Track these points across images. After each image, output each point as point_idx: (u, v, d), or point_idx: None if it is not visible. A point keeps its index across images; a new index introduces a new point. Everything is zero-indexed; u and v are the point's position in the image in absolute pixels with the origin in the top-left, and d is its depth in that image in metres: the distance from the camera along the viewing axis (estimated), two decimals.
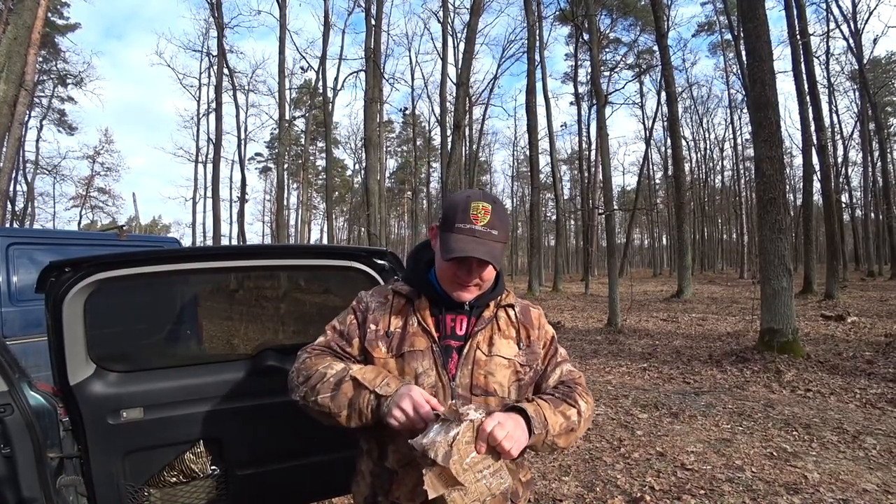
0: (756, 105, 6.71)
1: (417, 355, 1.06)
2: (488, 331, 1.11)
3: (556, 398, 1.08)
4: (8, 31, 7.13)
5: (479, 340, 1.09)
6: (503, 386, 1.08)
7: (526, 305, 1.22)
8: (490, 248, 1.01)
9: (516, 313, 1.17)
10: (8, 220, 21.42)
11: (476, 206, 1.02)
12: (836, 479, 2.97)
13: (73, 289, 1.40)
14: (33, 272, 4.04)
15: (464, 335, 1.10)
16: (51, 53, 26.51)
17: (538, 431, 0.98)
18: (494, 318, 1.13)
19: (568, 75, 32.51)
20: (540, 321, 1.20)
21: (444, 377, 1.05)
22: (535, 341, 1.16)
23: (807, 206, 16.00)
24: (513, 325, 1.15)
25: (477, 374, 1.07)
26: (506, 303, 1.17)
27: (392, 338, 1.09)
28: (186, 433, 1.64)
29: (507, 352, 1.11)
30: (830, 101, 26.75)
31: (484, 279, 1.07)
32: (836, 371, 5.67)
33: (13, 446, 1.58)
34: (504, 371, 1.09)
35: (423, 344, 1.07)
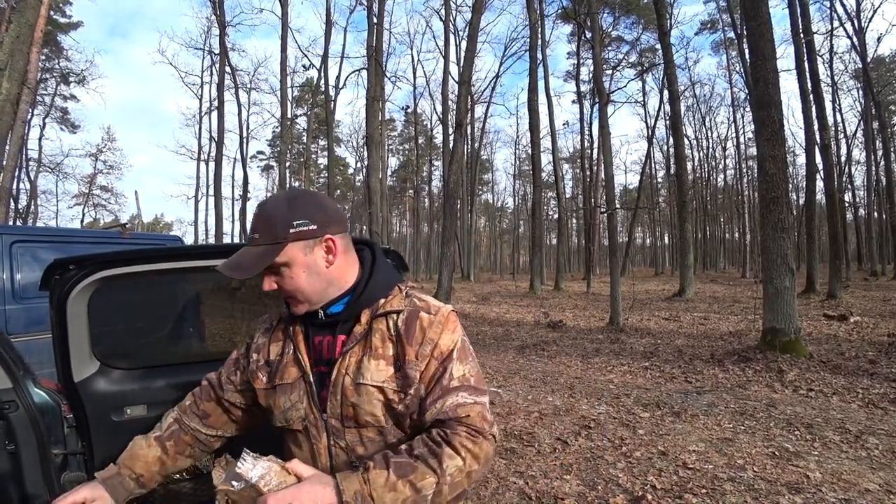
0: (759, 104, 6.69)
1: (286, 388, 0.98)
2: (359, 350, 0.94)
3: (410, 460, 0.85)
4: (11, 30, 7.16)
5: (348, 364, 0.93)
6: (377, 417, 0.92)
7: (416, 310, 0.96)
8: (240, 256, 0.92)
9: (396, 323, 0.95)
10: (11, 218, 21.48)
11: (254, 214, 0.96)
12: (838, 479, 2.96)
13: (78, 286, 1.40)
14: (37, 270, 4.06)
15: (330, 358, 0.96)
16: (53, 52, 26.55)
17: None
18: (369, 333, 0.95)
19: (570, 73, 32.51)
20: (427, 333, 0.93)
21: (315, 409, 0.95)
22: (412, 361, 0.92)
23: (810, 205, 15.96)
24: (390, 339, 0.94)
25: (345, 404, 0.93)
26: (386, 310, 0.96)
27: (272, 366, 1.03)
28: None
29: (377, 377, 0.92)
30: (834, 99, 26.72)
31: (285, 289, 0.94)
32: (838, 371, 5.66)
33: (18, 443, 1.59)
34: (374, 400, 0.92)
35: (293, 375, 0.98)
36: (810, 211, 15.86)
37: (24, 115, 11.98)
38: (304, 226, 0.92)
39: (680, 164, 16.85)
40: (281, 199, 0.95)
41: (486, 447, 0.90)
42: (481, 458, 0.89)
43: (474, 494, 2.93)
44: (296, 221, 0.91)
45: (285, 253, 0.91)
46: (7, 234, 4.15)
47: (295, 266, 0.92)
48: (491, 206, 53.41)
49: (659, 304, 14.40)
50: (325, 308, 0.97)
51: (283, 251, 0.90)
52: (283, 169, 23.30)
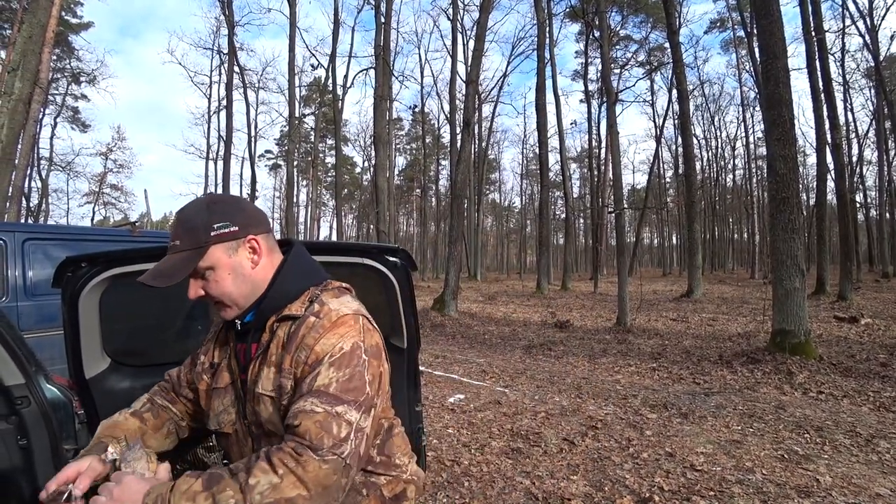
0: (769, 103, 6.63)
1: (220, 392, 1.00)
2: (261, 360, 0.93)
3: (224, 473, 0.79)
4: (23, 30, 7.25)
5: (253, 373, 0.94)
6: (276, 425, 0.90)
7: (307, 316, 0.91)
8: (161, 264, 0.90)
9: (290, 329, 0.92)
10: (23, 216, 21.76)
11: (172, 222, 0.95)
12: (848, 483, 2.93)
13: (90, 284, 1.42)
14: (48, 267, 4.11)
15: (245, 365, 0.97)
16: (64, 52, 26.85)
17: None
18: (271, 341, 0.93)
19: (578, 73, 32.36)
20: (305, 339, 0.88)
21: (241, 416, 0.96)
22: (286, 370, 0.89)
23: (820, 205, 15.79)
24: (282, 346, 0.92)
25: (256, 411, 0.92)
26: (285, 314, 0.93)
27: (215, 369, 1.04)
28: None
29: (267, 385, 0.91)
30: (845, 98, 26.40)
31: (211, 294, 0.92)
32: (849, 373, 5.60)
33: (30, 438, 1.61)
34: (270, 408, 0.90)
35: (225, 380, 1.00)
36: (821, 211, 15.69)
37: (35, 115, 12.14)
38: (225, 227, 0.90)
39: (689, 164, 16.73)
40: (199, 204, 0.94)
41: (313, 468, 0.76)
42: (308, 483, 0.76)
43: (480, 494, 2.93)
44: (216, 224, 0.90)
45: (209, 256, 0.89)
46: (19, 231, 4.19)
47: (220, 269, 0.91)
48: (498, 205, 53.33)
49: (667, 304, 14.32)
50: (241, 317, 0.96)
51: (206, 255, 0.89)
52: (291, 168, 23.40)
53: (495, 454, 3.53)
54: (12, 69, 6.99)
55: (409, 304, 1.67)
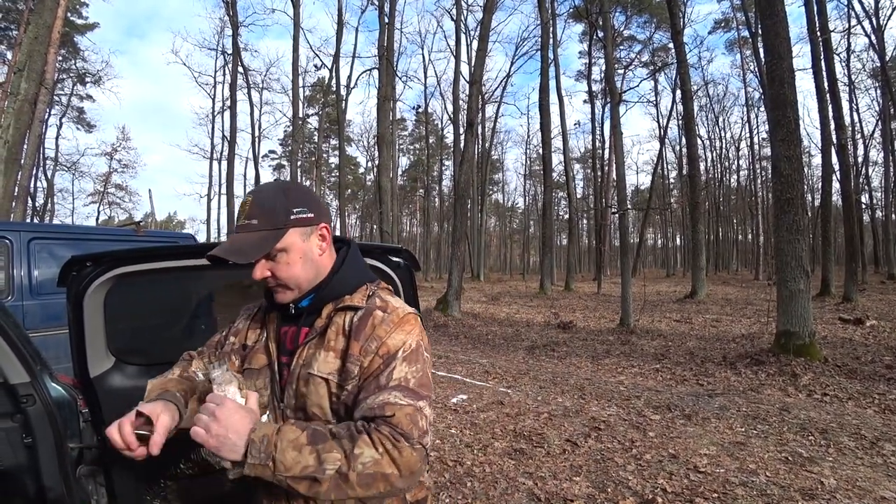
0: (774, 103, 6.60)
1: (253, 373, 1.01)
2: (316, 343, 0.96)
3: (329, 434, 0.84)
4: (29, 31, 7.29)
5: (305, 355, 0.96)
6: (323, 409, 0.93)
7: (371, 309, 0.96)
8: (236, 243, 0.91)
9: (352, 319, 0.96)
10: (29, 215, 21.89)
11: (241, 202, 0.95)
12: (853, 486, 2.92)
13: (94, 283, 1.43)
14: (53, 266, 4.13)
15: (292, 349, 0.99)
16: (70, 52, 27.00)
17: (253, 460, 0.80)
18: (328, 327, 0.96)
19: (582, 73, 32.33)
20: (378, 329, 0.92)
21: (276, 397, 0.98)
22: (354, 355, 0.92)
23: (825, 206, 15.70)
24: (343, 334, 0.95)
25: (300, 393, 0.94)
26: (347, 304, 0.97)
27: (247, 351, 1.05)
28: None
29: (324, 368, 0.93)
30: (851, 99, 26.24)
31: (278, 277, 0.94)
32: (854, 375, 5.57)
33: (35, 436, 1.62)
34: (321, 391, 0.93)
35: (261, 361, 1.01)
36: (826, 212, 15.60)
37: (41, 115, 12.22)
38: (303, 213, 0.94)
39: (693, 165, 16.67)
40: (276, 187, 0.96)
41: (407, 454, 0.83)
42: (401, 466, 0.83)
43: (483, 494, 2.93)
44: (295, 209, 0.93)
45: (285, 239, 0.92)
46: (25, 230, 4.22)
47: (293, 252, 0.93)
48: (501, 205, 53.31)
49: (670, 305, 14.28)
50: (296, 301, 0.99)
51: (284, 237, 0.92)
52: (295, 168, 23.45)
53: (498, 455, 3.53)
54: (18, 70, 7.03)
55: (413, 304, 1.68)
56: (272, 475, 0.81)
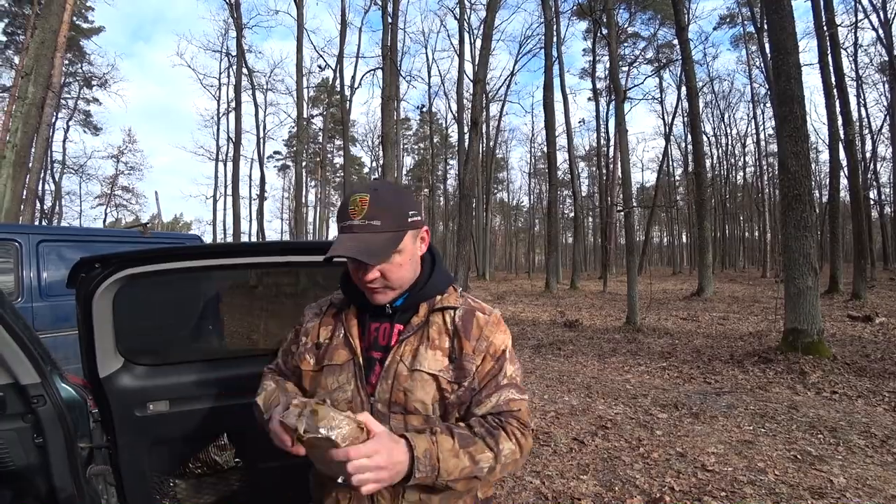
0: (781, 99, 6.55)
1: (335, 369, 1.01)
2: (415, 340, 0.99)
3: (474, 435, 0.92)
4: (35, 36, 7.36)
5: (403, 351, 0.98)
6: (426, 404, 0.96)
7: (472, 309, 1.02)
8: (365, 242, 0.91)
9: (454, 319, 1.00)
10: (37, 218, 22.10)
11: (353, 199, 0.93)
12: (863, 485, 2.89)
13: (103, 284, 1.44)
14: (62, 268, 4.17)
15: (386, 345, 1.00)
16: (76, 56, 27.23)
17: (420, 475, 0.84)
18: (426, 325, 1.00)
19: (586, 71, 32.25)
20: (484, 330, 0.99)
21: (362, 392, 0.97)
22: (469, 355, 0.97)
23: (833, 202, 15.56)
24: (447, 332, 0.99)
25: (396, 389, 0.96)
26: (443, 305, 1.02)
27: (321, 349, 1.05)
28: (211, 426, 1.68)
29: (433, 365, 0.96)
30: (859, 94, 25.98)
31: (389, 277, 0.95)
32: (863, 373, 5.52)
33: (45, 436, 1.63)
34: (427, 387, 0.95)
35: (343, 357, 1.01)
36: (834, 209, 15.46)
37: (48, 119, 12.32)
38: (415, 216, 0.98)
39: (698, 162, 16.57)
40: (391, 189, 0.98)
41: (529, 440, 0.98)
42: (525, 450, 0.96)
43: None
44: (410, 211, 0.96)
45: (403, 241, 0.95)
46: (34, 233, 4.27)
47: (405, 253, 0.96)
48: (506, 204, 53.25)
49: (677, 303, 14.21)
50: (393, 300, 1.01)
51: (403, 239, 0.94)
52: (300, 168, 23.57)
53: None
54: (26, 74, 7.10)
55: None
56: (434, 482, 0.86)
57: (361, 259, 0.89)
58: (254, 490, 1.77)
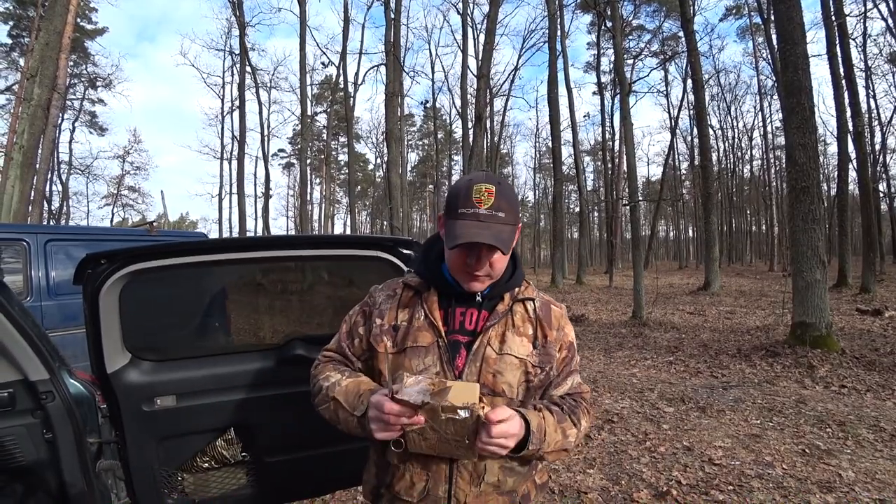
0: (788, 91, 6.48)
1: (420, 351, 1.02)
2: (501, 326, 1.04)
3: (563, 412, 1.02)
4: (40, 38, 7.40)
5: (491, 336, 1.03)
6: (512, 386, 1.02)
7: (547, 302, 1.12)
8: (496, 231, 0.94)
9: (535, 309, 1.09)
10: (45, 219, 22.28)
11: (479, 188, 0.95)
12: (872, 479, 2.87)
13: (109, 280, 1.45)
14: (70, 267, 4.20)
15: (473, 330, 1.04)
16: (81, 57, 27.32)
17: (534, 447, 0.93)
18: (509, 313, 1.06)
19: (590, 64, 31.99)
20: (560, 322, 1.10)
21: (449, 373, 1.00)
22: (551, 342, 1.07)
23: (842, 195, 15.40)
24: (529, 321, 1.07)
25: (485, 372, 1.00)
26: (524, 296, 1.09)
27: (398, 332, 1.05)
28: (217, 420, 1.69)
29: (520, 350, 1.03)
30: (867, 85, 25.53)
31: (494, 267, 1.00)
32: (872, 367, 5.47)
33: (55, 432, 1.65)
34: (514, 371, 1.02)
35: (427, 339, 1.02)
36: (842, 202, 15.30)
37: (54, 120, 12.39)
38: (520, 213, 1.07)
39: (704, 155, 16.44)
40: (508, 184, 1.02)
41: (592, 418, 1.12)
42: (589, 426, 1.10)
43: None
44: (518, 208, 1.02)
45: (517, 235, 1.01)
46: (41, 233, 4.30)
47: (511, 247, 1.01)
48: None
49: (683, 297, 14.14)
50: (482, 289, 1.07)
51: (517, 234, 1.01)
52: (304, 166, 23.59)
53: None
54: (31, 76, 7.15)
55: None
56: (536, 453, 0.96)
57: (499, 247, 0.94)
58: (261, 484, 1.78)
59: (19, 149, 7.02)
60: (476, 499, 1.01)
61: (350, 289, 2.08)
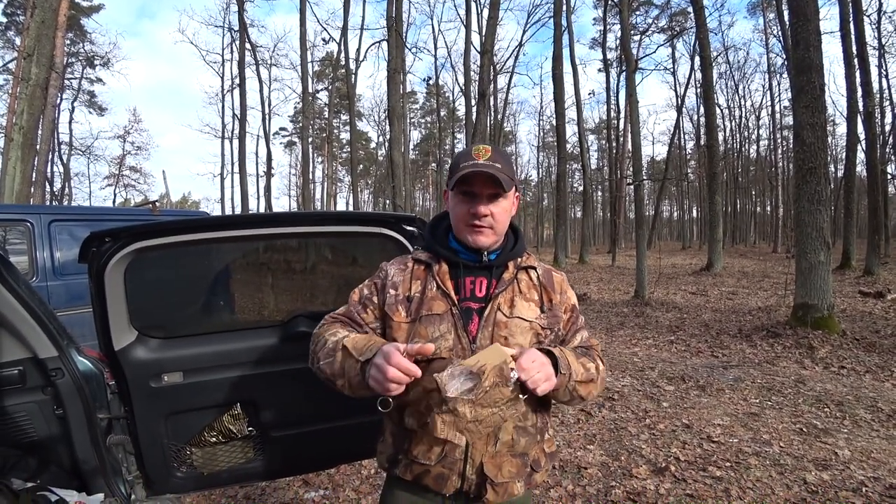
0: (798, 68, 6.35)
1: (434, 319, 1.07)
2: (509, 292, 1.11)
3: (577, 352, 1.12)
4: (36, 15, 7.26)
5: (500, 302, 1.09)
6: (523, 348, 1.04)
7: (549, 269, 1.21)
8: (497, 170, 1.05)
9: (539, 276, 1.17)
10: (47, 199, 22.30)
11: (477, 148, 1.09)
12: (867, 457, 2.91)
13: (114, 258, 1.45)
14: (74, 247, 4.22)
15: (484, 297, 1.10)
16: (77, 35, 26.92)
17: (564, 371, 1.01)
18: (515, 280, 1.13)
19: (596, 41, 31.34)
20: (562, 286, 1.19)
21: (464, 339, 1.05)
22: (556, 305, 1.15)
23: (849, 177, 15.23)
24: (535, 287, 1.15)
25: (497, 335, 1.06)
26: (527, 264, 1.17)
27: (412, 302, 1.10)
28: (224, 396, 1.72)
29: (528, 314, 1.10)
30: (880, 64, 24.97)
31: (496, 217, 1.08)
32: (872, 349, 5.50)
33: (65, 408, 1.68)
34: (525, 333, 1.08)
35: (441, 307, 1.08)
36: (849, 183, 15.14)
37: (53, 100, 12.26)
38: (516, 178, 1.16)
39: (711, 135, 16.21)
40: (505, 152, 1.15)
41: (605, 367, 1.17)
42: (605, 375, 1.17)
43: None
44: (514, 172, 1.13)
45: (511, 191, 1.11)
46: (45, 213, 4.30)
47: (508, 202, 1.12)
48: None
49: (686, 278, 14.15)
50: (489, 251, 1.14)
51: (513, 188, 1.11)
52: (306, 144, 23.41)
53: None
54: (28, 55, 7.04)
55: None
56: (567, 381, 1.02)
57: (497, 175, 1.04)
58: (267, 458, 1.82)
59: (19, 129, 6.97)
60: (492, 459, 1.05)
61: (353, 266, 2.09)
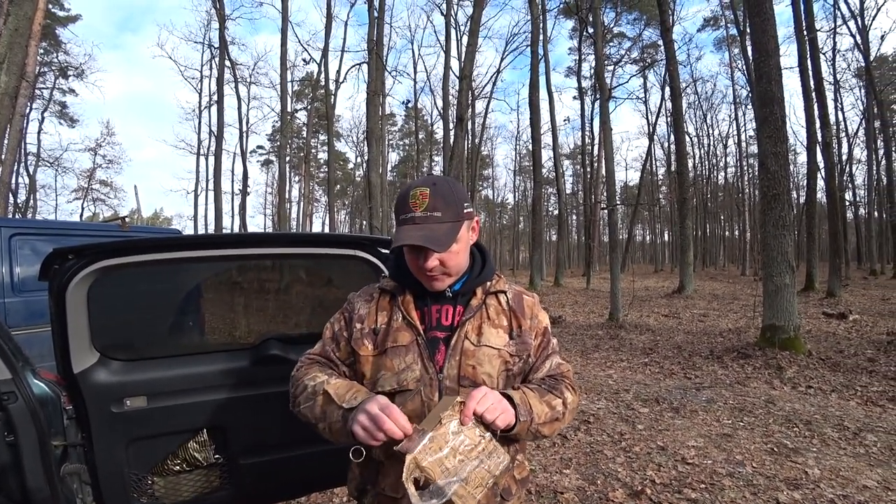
0: (761, 101, 6.67)
1: (400, 350, 1.04)
2: (477, 319, 1.07)
3: (543, 388, 1.06)
4: (9, 22, 7.10)
5: (468, 329, 1.05)
6: (492, 377, 1.04)
7: (519, 293, 1.15)
8: (429, 232, 0.97)
9: (508, 300, 1.12)
10: (10, 212, 21.43)
11: (413, 193, 1.00)
12: (836, 476, 2.97)
13: (77, 276, 1.39)
14: (36, 263, 4.04)
15: (450, 325, 1.07)
16: (52, 45, 26.43)
17: (523, 419, 0.97)
18: (484, 306, 1.09)
19: (571, 69, 32.38)
20: (533, 310, 1.13)
21: (430, 370, 1.02)
22: (526, 331, 1.10)
23: (810, 203, 15.94)
24: (503, 312, 1.11)
25: (465, 364, 1.03)
26: (496, 289, 1.12)
27: (378, 334, 1.07)
28: (190, 421, 1.65)
29: (496, 341, 1.06)
30: (836, 98, 26.64)
31: (448, 265, 1.02)
32: (837, 368, 5.67)
33: (17, 434, 1.58)
34: (493, 361, 1.05)
35: (406, 338, 1.04)
36: (811, 209, 15.84)
37: (22, 109, 11.92)
38: (468, 207, 1.05)
39: (681, 161, 16.81)
40: (446, 182, 1.04)
41: (577, 396, 1.12)
42: (577, 399, 1.12)
43: None
44: (464, 203, 1.04)
45: (461, 230, 1.02)
46: (6, 226, 4.13)
47: (461, 242, 1.03)
48: (491, 201, 53.32)
49: (659, 300, 14.42)
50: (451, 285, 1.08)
51: (461, 229, 1.01)
52: (283, 163, 23.25)
53: None
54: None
55: None
56: (529, 426, 0.99)
57: (430, 247, 0.95)
58: (235, 487, 1.74)
59: None
60: None
61: (328, 288, 2.06)
